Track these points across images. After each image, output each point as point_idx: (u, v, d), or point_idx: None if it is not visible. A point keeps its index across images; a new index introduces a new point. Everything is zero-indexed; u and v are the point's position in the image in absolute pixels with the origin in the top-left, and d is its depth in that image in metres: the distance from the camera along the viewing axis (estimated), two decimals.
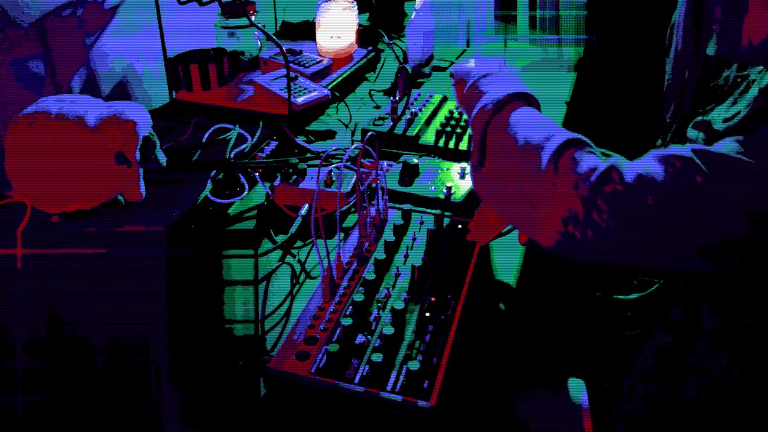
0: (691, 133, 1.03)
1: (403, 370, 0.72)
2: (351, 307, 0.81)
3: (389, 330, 0.76)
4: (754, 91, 0.73)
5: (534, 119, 0.76)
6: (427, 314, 0.80)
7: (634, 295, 1.08)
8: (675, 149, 0.68)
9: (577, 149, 0.70)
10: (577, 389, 1.02)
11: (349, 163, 1.14)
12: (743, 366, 0.82)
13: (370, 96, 1.56)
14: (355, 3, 1.65)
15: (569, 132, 0.73)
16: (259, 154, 1.21)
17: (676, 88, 0.95)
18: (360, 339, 0.76)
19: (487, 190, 0.77)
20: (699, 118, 1.00)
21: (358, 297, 0.81)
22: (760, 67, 0.76)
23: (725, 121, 0.90)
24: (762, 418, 0.83)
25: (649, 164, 0.68)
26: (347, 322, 0.77)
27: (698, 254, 0.66)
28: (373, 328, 0.78)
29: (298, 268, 0.98)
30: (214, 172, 1.10)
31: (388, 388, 0.70)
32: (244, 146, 1.19)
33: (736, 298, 0.82)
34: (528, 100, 0.80)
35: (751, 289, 0.80)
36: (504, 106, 0.78)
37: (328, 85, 1.47)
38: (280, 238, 1.02)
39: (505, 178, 0.73)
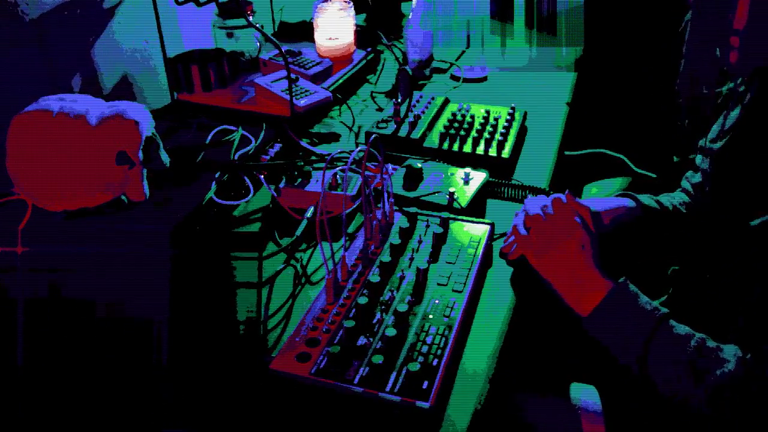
0: (698, 159, 1.04)
1: (403, 371, 0.72)
2: (354, 309, 0.81)
3: (391, 332, 0.76)
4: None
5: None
6: (431, 316, 0.80)
7: None
8: None
9: None
10: (578, 391, 1.02)
11: (353, 166, 1.13)
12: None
13: (372, 98, 1.56)
14: (352, 3, 1.64)
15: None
16: (263, 156, 1.20)
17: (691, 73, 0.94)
18: (362, 341, 0.77)
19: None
20: (701, 143, 1.01)
21: (362, 299, 0.81)
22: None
23: (712, 141, 0.91)
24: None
25: None
26: (350, 324, 0.77)
27: None
28: (375, 330, 0.78)
29: (302, 270, 0.97)
30: (218, 173, 1.09)
31: (387, 388, 0.71)
32: (247, 148, 1.18)
33: None
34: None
35: None
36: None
37: (329, 86, 1.46)
38: (285, 241, 1.02)
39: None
